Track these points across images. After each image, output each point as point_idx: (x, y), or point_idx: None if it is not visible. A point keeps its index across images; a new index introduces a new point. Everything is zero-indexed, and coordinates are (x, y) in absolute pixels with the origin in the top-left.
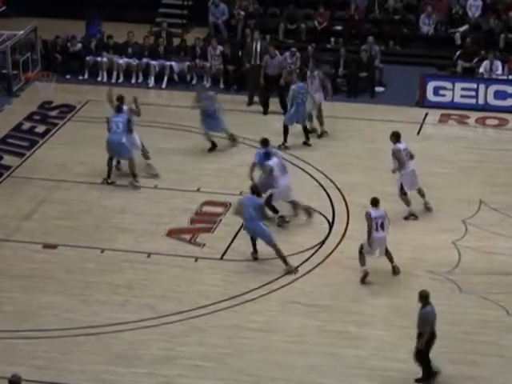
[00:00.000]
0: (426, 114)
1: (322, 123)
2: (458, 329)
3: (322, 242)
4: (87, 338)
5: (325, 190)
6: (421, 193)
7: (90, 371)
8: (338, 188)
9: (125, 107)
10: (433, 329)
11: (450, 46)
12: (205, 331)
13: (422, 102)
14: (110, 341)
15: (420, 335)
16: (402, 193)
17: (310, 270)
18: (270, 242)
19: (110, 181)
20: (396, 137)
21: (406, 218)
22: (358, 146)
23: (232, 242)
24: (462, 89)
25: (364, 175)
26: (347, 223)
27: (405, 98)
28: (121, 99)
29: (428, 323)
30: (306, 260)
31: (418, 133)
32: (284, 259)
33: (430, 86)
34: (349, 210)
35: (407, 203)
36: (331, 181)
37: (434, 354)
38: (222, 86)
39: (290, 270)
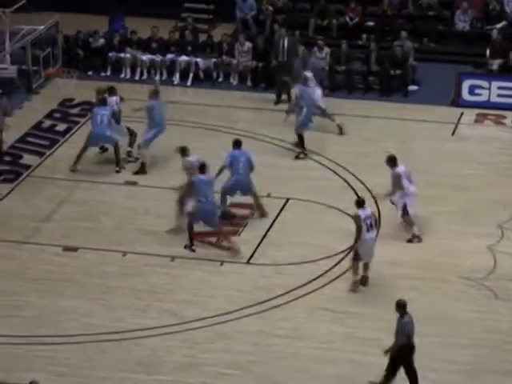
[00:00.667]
0: (461, 114)
1: (331, 119)
2: (493, 336)
3: (352, 247)
4: (109, 343)
5: (355, 192)
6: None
7: (112, 378)
8: (369, 190)
9: (114, 98)
10: (410, 340)
11: (486, 44)
12: (230, 338)
13: (457, 102)
14: (132, 347)
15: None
16: (405, 213)
17: (340, 275)
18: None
19: (74, 168)
20: (392, 161)
21: (410, 241)
22: (390, 146)
23: (259, 245)
24: (499, 88)
25: None
26: (379, 226)
27: (439, 97)
28: (111, 90)
29: (404, 334)
30: (336, 265)
31: (453, 133)
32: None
33: (466, 84)
34: (380, 213)
35: (411, 224)
36: (362, 183)
37: (469, 362)
38: (249, 83)
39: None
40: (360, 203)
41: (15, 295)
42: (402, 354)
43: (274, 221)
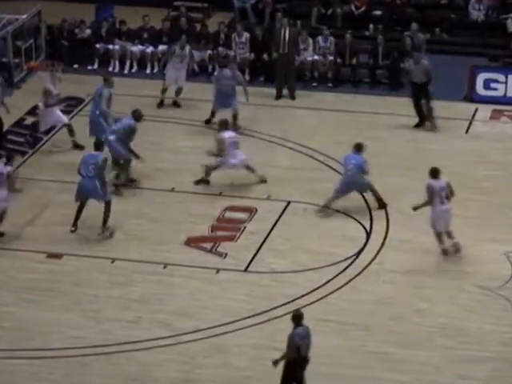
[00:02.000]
0: (476, 110)
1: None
2: (510, 350)
3: (359, 253)
4: (96, 358)
5: (362, 194)
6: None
7: None
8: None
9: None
10: (300, 354)
11: (502, 34)
12: (227, 351)
13: (471, 97)
14: (121, 361)
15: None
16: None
17: (345, 284)
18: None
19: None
20: (434, 173)
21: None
22: (399, 145)
23: (258, 251)
24: None
25: (406, 178)
26: (387, 231)
27: (452, 92)
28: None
29: (292, 347)
30: (341, 272)
31: (467, 131)
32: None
33: (480, 78)
34: (389, 217)
35: (438, 239)
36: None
37: (484, 377)
38: (247, 77)
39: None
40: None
41: None
42: (290, 369)
43: (273, 225)
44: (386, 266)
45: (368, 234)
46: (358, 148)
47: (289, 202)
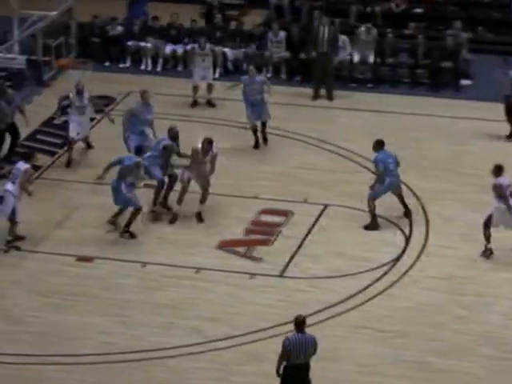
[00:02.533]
0: None
1: None
2: None
3: (397, 259)
4: (126, 364)
5: (400, 197)
6: None
7: None
8: (416, 195)
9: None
10: (291, 361)
11: None
12: (261, 359)
13: None
14: (152, 368)
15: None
16: (486, 224)
17: (383, 291)
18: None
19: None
20: (498, 170)
21: (484, 254)
22: (440, 147)
23: (293, 256)
24: None
25: (447, 181)
26: (426, 237)
27: (495, 93)
28: None
29: (285, 353)
30: (379, 278)
31: (511, 135)
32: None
33: None
34: (429, 222)
35: (486, 237)
36: (408, 187)
37: None
38: (283, 76)
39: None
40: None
41: (23, 309)
42: (283, 376)
43: (310, 229)
44: (425, 272)
45: (407, 239)
46: (383, 144)
47: (326, 206)
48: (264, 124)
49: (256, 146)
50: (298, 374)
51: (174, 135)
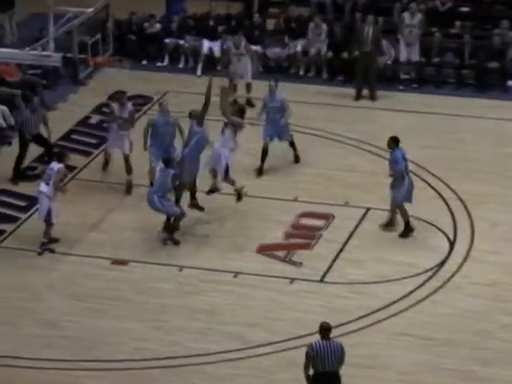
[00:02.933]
0: None
1: None
2: None
3: (441, 264)
4: (162, 371)
5: (446, 201)
6: None
7: None
8: (461, 200)
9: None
10: (318, 369)
11: None
12: (301, 366)
13: None
14: (189, 375)
15: None
16: None
17: (426, 297)
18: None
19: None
20: None
21: None
22: (486, 149)
23: (334, 260)
24: None
25: (492, 184)
26: (471, 242)
27: None
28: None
29: (306, 359)
30: (422, 285)
31: None
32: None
33: None
34: (474, 227)
35: None
36: (453, 191)
37: None
38: (324, 76)
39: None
40: None
41: (57, 313)
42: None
43: (352, 233)
44: (469, 279)
45: (451, 244)
46: (399, 142)
47: (368, 209)
48: (291, 144)
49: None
50: (327, 383)
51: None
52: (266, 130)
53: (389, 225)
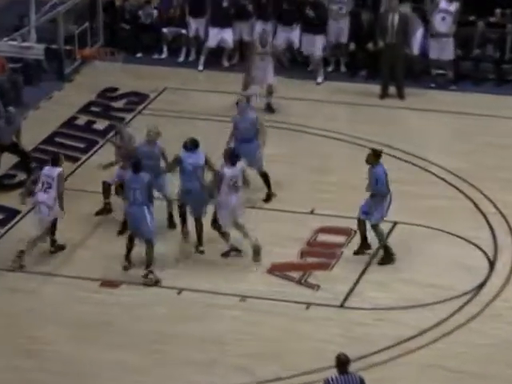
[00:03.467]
0: None
1: None
2: None
3: (480, 287)
4: None
5: (484, 215)
6: None
7: None
8: (501, 213)
9: None
10: None
11: None
12: None
13: None
14: None
15: None
16: None
17: (462, 325)
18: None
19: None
20: None
21: None
22: None
23: (356, 283)
24: None
25: None
26: None
27: None
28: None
29: None
30: (457, 310)
31: None
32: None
33: None
34: None
35: None
36: (492, 203)
37: None
38: (343, 69)
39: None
40: None
41: (39, 343)
42: None
43: (376, 252)
44: (511, 303)
45: (491, 264)
46: (381, 156)
47: (395, 223)
48: (263, 175)
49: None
50: None
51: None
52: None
53: (362, 248)
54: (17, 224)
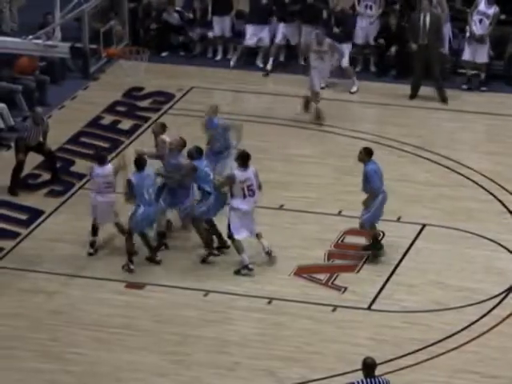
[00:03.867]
0: None
1: None
2: None
3: (509, 290)
4: None
5: None
6: None
7: None
8: None
9: None
10: None
11: None
12: None
13: None
14: None
15: None
16: None
17: (492, 328)
18: None
19: None
20: None
21: None
22: None
23: (384, 285)
24: None
25: None
26: None
27: None
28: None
29: None
30: (486, 314)
31: None
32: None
33: None
34: None
35: None
36: None
37: None
38: (372, 69)
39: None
40: None
41: (63, 345)
42: None
43: (405, 254)
44: None
45: None
46: (372, 154)
47: (424, 225)
48: None
49: None
50: None
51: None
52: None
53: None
54: (41, 224)
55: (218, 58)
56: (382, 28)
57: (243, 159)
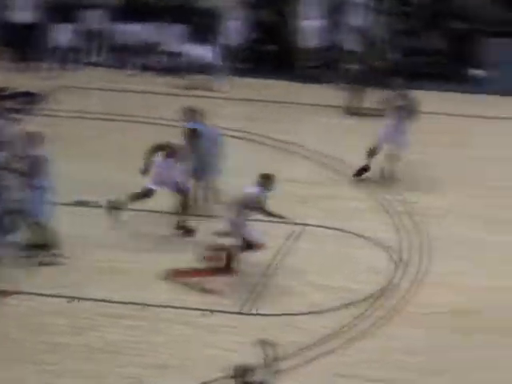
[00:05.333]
0: None
1: None
2: None
3: (387, 289)
4: None
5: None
6: None
7: None
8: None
9: None
10: None
11: None
12: None
13: None
14: None
15: None
16: None
17: (369, 328)
18: None
19: None
20: None
21: None
22: None
23: (261, 288)
24: None
25: None
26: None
27: None
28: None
29: None
30: (365, 314)
31: None
32: None
33: None
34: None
35: None
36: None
37: None
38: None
39: None
40: None
41: None
42: None
43: (282, 255)
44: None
45: (399, 267)
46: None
47: (303, 225)
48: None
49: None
50: None
51: None
52: (193, 172)
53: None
54: None
55: None
56: (255, 24)
57: None
